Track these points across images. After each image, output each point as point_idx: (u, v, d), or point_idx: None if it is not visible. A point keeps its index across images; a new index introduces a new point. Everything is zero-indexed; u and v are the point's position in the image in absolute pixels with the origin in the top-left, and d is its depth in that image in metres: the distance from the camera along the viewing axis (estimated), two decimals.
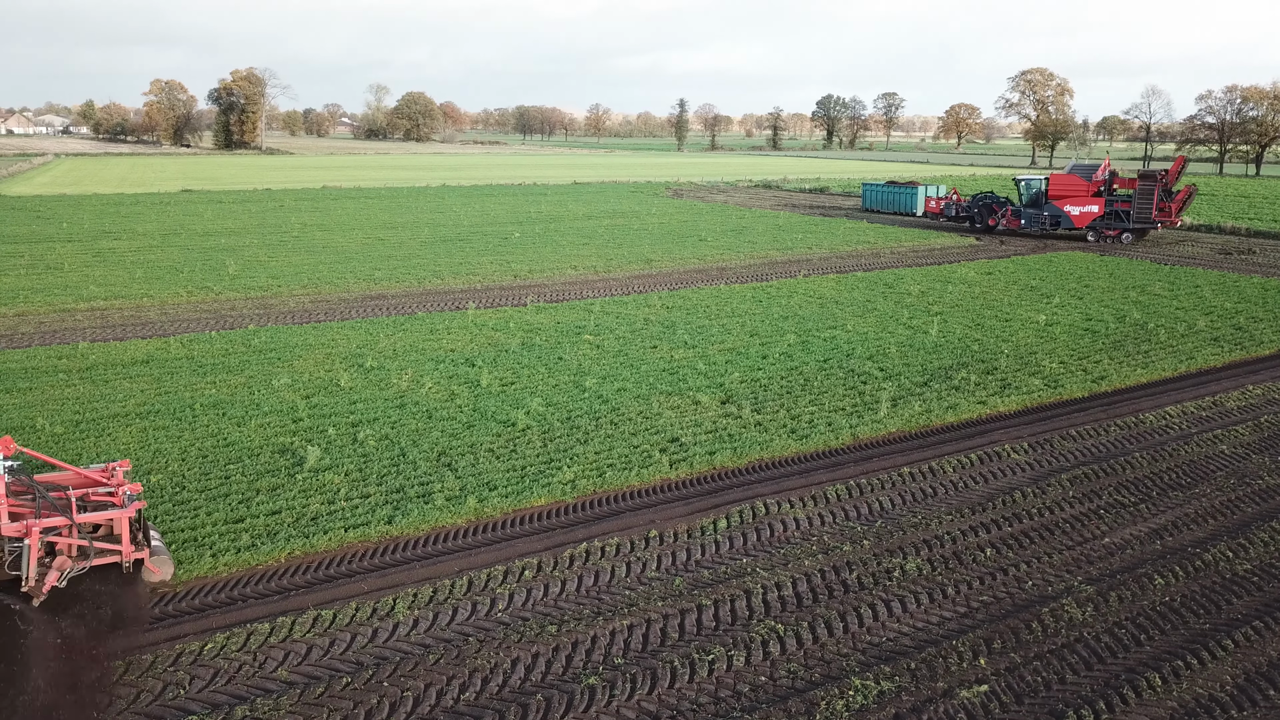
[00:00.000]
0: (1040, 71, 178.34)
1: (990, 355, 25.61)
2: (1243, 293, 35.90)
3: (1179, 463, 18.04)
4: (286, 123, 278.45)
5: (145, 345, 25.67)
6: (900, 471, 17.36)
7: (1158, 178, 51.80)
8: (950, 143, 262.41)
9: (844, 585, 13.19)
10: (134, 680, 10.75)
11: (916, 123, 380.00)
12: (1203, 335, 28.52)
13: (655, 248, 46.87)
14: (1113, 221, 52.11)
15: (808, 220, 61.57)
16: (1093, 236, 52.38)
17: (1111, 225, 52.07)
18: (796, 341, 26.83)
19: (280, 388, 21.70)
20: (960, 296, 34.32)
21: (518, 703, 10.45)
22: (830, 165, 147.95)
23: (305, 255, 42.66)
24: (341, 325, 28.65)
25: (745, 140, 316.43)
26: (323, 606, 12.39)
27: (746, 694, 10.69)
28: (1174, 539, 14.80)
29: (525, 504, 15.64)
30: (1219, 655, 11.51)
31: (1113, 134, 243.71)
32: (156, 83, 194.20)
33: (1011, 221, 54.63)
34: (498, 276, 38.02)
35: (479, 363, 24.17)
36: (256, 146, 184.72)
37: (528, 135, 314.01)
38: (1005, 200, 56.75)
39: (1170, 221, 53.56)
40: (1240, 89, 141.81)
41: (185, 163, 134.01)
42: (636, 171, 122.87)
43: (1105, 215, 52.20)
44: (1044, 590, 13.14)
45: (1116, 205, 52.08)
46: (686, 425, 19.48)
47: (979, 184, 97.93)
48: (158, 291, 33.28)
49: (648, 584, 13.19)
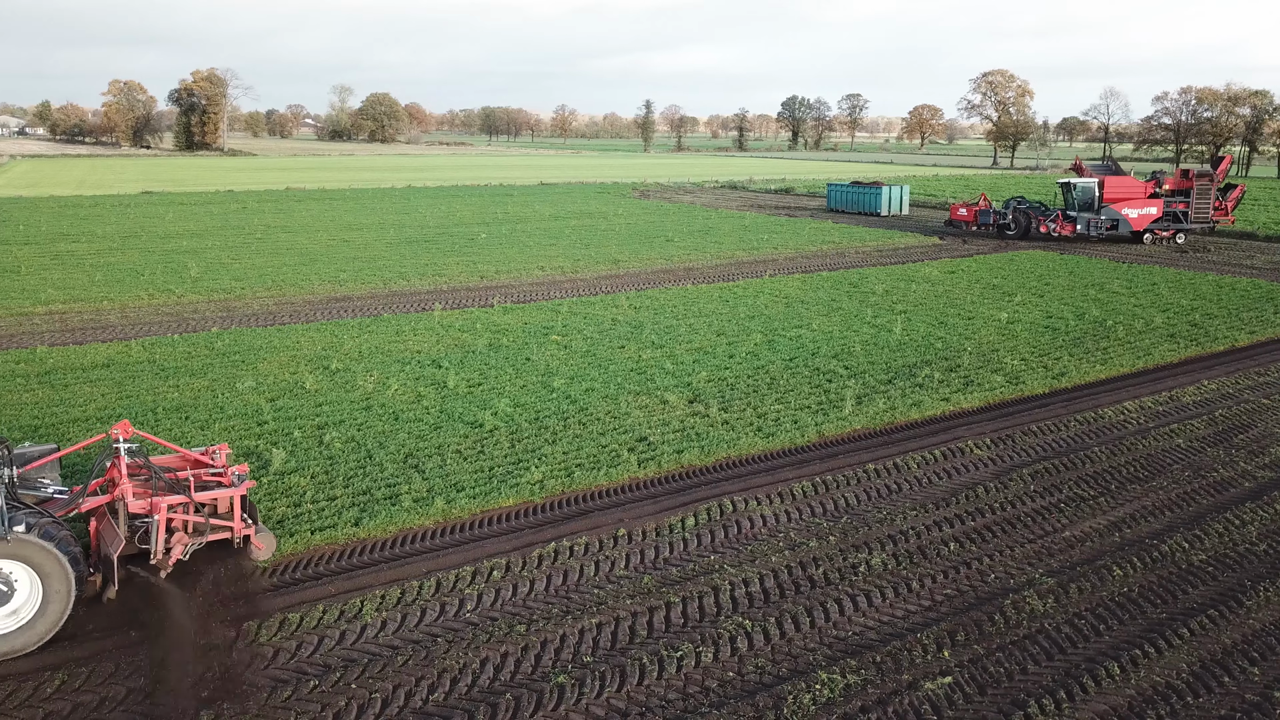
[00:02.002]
0: (1001, 73, 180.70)
1: (953, 353, 25.94)
2: (1198, 290, 36.62)
3: (1137, 456, 18.39)
4: (249, 124, 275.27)
5: (105, 349, 25.32)
6: (865, 468, 17.56)
7: (1212, 177, 52.10)
8: (914, 143, 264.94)
9: (810, 581, 13.32)
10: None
11: (881, 124, 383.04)
12: (1159, 332, 29.07)
13: (622, 248, 46.94)
14: (1169, 223, 51.61)
15: (773, 221, 61.93)
16: (1149, 239, 51.29)
17: (1166, 227, 51.53)
18: (763, 341, 27.02)
19: (244, 391, 21.51)
20: (924, 295, 34.71)
21: (487, 703, 10.47)
22: (795, 166, 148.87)
23: (269, 257, 42.26)
24: (306, 327, 28.43)
25: (711, 141, 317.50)
26: (289, 610, 12.30)
27: (715, 690, 10.78)
28: (1132, 531, 15.10)
29: (493, 505, 15.63)
30: (1175, 644, 11.77)
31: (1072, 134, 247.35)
32: (115, 83, 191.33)
33: (1065, 226, 51.16)
34: (464, 277, 37.90)
35: (446, 364, 24.10)
36: (218, 148, 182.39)
37: (494, 136, 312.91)
38: (1040, 205, 54.32)
39: (1228, 220, 53.61)
40: (1195, 90, 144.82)
41: (145, 164, 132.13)
42: (603, 172, 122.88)
43: (1162, 217, 51.54)
44: (1006, 583, 13.36)
45: (1174, 206, 51.71)
46: (654, 424, 19.56)
47: (942, 184, 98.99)
48: (118, 294, 32.83)
49: (616, 582, 13.24)
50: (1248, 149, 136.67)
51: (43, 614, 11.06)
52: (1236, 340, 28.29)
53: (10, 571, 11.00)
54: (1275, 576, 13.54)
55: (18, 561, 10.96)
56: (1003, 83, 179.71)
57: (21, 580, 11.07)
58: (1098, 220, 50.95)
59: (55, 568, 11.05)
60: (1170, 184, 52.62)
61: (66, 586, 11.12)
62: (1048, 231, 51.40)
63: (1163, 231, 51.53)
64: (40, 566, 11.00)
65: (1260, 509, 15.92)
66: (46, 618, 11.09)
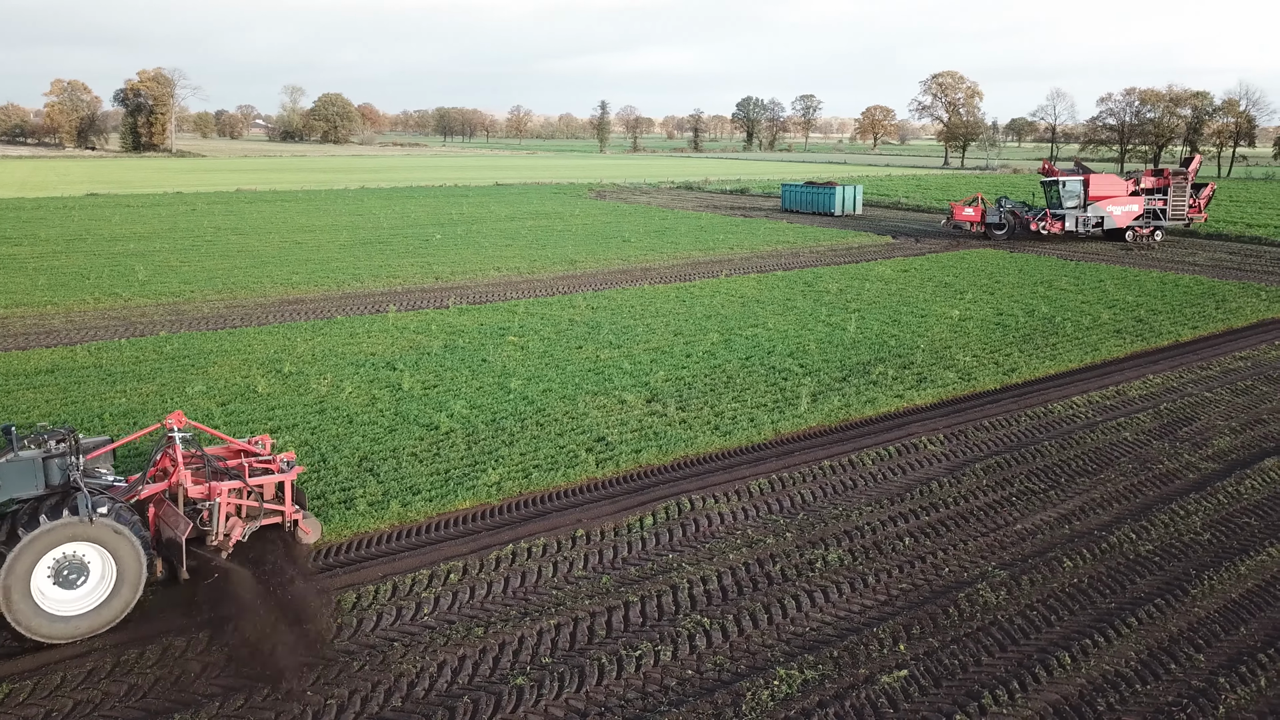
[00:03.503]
0: (951, 74, 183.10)
1: (906, 350, 26.25)
2: (1143, 287, 37.43)
3: (1085, 450, 18.75)
4: (198, 124, 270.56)
5: (50, 354, 24.74)
6: (821, 465, 17.70)
7: (1186, 175, 53.03)
8: (867, 144, 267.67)
9: (768, 577, 13.40)
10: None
11: (834, 124, 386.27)
12: (1106, 328, 29.67)
13: (579, 249, 46.87)
14: (1148, 220, 52.43)
15: (729, 221, 62.22)
16: (1130, 236, 52.03)
17: (1146, 224, 52.34)
18: (719, 340, 27.13)
19: (194, 395, 21.14)
20: (877, 294, 35.09)
21: (445, 706, 10.39)
22: (750, 167, 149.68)
23: (219, 260, 41.57)
24: (258, 330, 28.01)
25: (666, 142, 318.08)
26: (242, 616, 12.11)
27: (674, 688, 10.80)
28: (1081, 523, 15.39)
29: (450, 507, 15.52)
30: (1124, 633, 12.02)
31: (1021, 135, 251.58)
32: (58, 83, 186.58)
33: (1054, 225, 51.40)
34: (419, 279, 37.59)
35: (400, 366, 23.88)
36: (166, 149, 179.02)
37: (448, 137, 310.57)
38: (1024, 204, 54.35)
39: (1201, 217, 54.62)
40: (1138, 91, 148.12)
41: (91, 165, 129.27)
42: (559, 173, 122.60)
43: (1142, 214, 52.31)
44: (960, 576, 13.55)
45: (1154, 203, 52.49)
46: (612, 424, 19.56)
47: (895, 184, 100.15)
48: (62, 299, 32.09)
49: (575, 583, 13.22)
50: (1189, 149, 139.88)
51: (117, 594, 11.55)
52: (1180, 335, 28.97)
53: (85, 554, 11.46)
54: (1219, 566, 13.88)
55: (94, 544, 11.42)
56: (952, 84, 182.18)
57: (95, 562, 11.54)
58: (1085, 218, 51.52)
59: (129, 550, 11.54)
60: (1149, 182, 53.49)
61: (139, 568, 11.63)
62: (1037, 230, 51.61)
63: (1142, 229, 52.39)
64: (115, 548, 11.48)
65: (1204, 500, 16.30)
66: (120, 598, 11.58)
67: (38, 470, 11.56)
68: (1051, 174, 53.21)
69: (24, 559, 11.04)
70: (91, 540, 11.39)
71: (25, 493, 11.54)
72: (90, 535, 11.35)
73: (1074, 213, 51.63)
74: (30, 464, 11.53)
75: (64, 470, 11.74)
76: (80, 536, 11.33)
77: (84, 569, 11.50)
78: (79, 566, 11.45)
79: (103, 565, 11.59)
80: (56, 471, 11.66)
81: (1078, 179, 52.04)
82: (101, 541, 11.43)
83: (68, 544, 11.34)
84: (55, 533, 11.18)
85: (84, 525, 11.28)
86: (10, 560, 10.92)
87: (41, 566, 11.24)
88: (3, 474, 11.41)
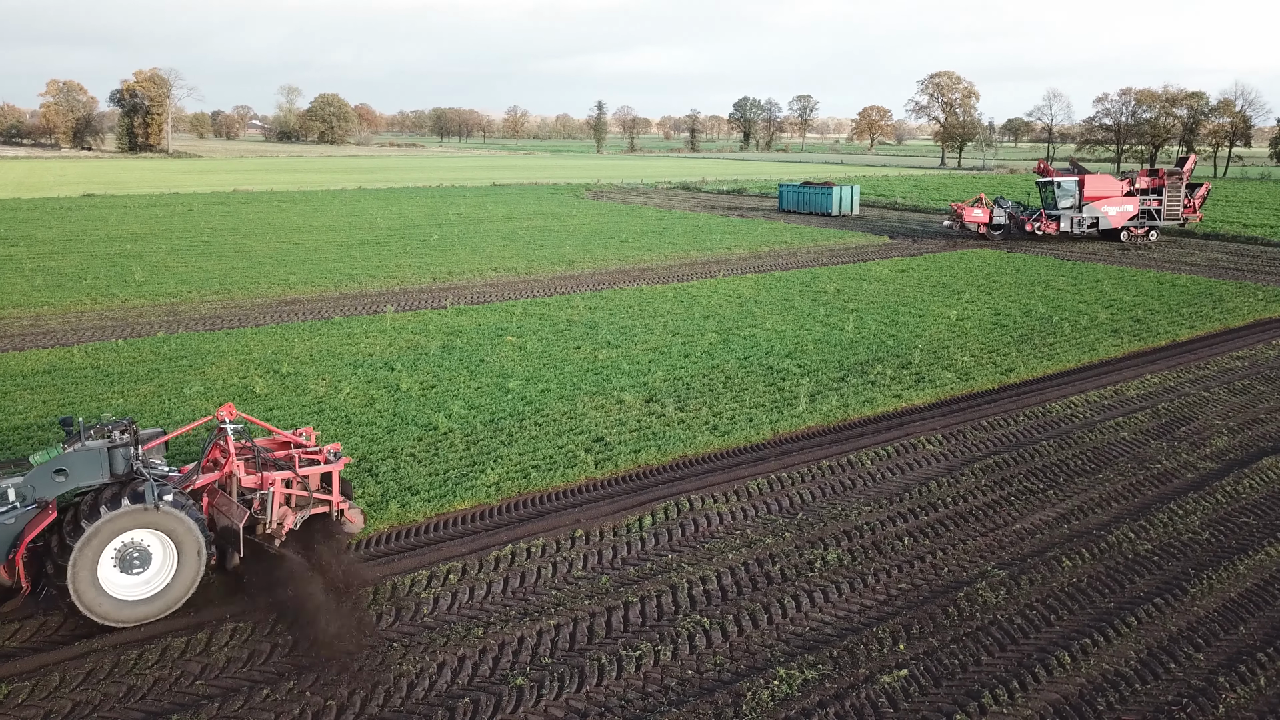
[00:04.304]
0: (948, 75, 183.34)
1: (904, 350, 26.26)
2: (1140, 287, 37.48)
3: (1084, 450, 18.76)
4: (194, 125, 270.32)
5: (47, 355, 24.69)
6: (819, 465, 17.70)
7: (1181, 175, 53.01)
8: (863, 144, 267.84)
9: (767, 577, 13.40)
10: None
11: (831, 124, 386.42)
12: (1104, 328, 29.70)
13: (576, 249, 46.85)
14: (1143, 220, 52.42)
15: (726, 221, 62.23)
16: (1125, 236, 51.98)
17: (1141, 224, 52.34)
18: (717, 340, 27.13)
19: (192, 395, 21.11)
20: (875, 294, 35.10)
21: (445, 707, 10.38)
22: (747, 167, 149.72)
23: (216, 260, 41.51)
24: (255, 331, 27.98)
25: (663, 142, 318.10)
26: (239, 619, 12.11)
27: (674, 688, 10.79)
28: (1080, 523, 15.39)
29: (448, 508, 15.50)
30: (1123, 632, 12.02)
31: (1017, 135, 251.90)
32: (54, 83, 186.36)
33: (1049, 225, 51.30)
34: (416, 279, 37.56)
35: (399, 366, 23.86)
36: (163, 149, 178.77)
37: (445, 137, 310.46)
38: (1020, 205, 54.10)
39: (1196, 217, 54.66)
40: (1135, 92, 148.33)
41: (87, 166, 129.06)
42: (556, 173, 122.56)
43: (1138, 214, 52.25)
44: (959, 576, 13.55)
45: (1149, 204, 52.46)
46: (611, 425, 19.54)
47: (892, 184, 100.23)
48: (59, 299, 32.03)
49: (574, 583, 13.20)
50: (1185, 149, 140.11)
51: (177, 580, 11.91)
52: (1177, 335, 29.00)
53: (147, 541, 11.80)
54: (1218, 565, 13.89)
55: (158, 531, 11.77)
56: (949, 84, 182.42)
57: (157, 548, 11.87)
58: (1080, 218, 51.50)
59: (190, 537, 11.90)
60: (1144, 182, 53.46)
61: (198, 554, 11.97)
62: (1033, 230, 51.41)
63: (1137, 229, 52.36)
64: (178, 535, 11.84)
65: (1203, 499, 16.32)
66: (180, 583, 11.93)
67: (103, 459, 11.88)
68: (1047, 174, 53.17)
69: (92, 544, 11.36)
70: (156, 527, 11.74)
71: (91, 481, 11.86)
72: (155, 522, 11.71)
73: (1069, 213, 51.62)
74: (97, 453, 11.86)
75: (127, 460, 12.07)
76: (146, 524, 11.68)
77: (146, 555, 11.82)
78: (142, 553, 11.78)
79: (164, 552, 11.91)
80: (120, 461, 11.99)
81: (1073, 179, 51.97)
82: (165, 529, 11.79)
83: (133, 531, 11.67)
84: (123, 519, 11.51)
85: (150, 513, 11.64)
86: (79, 545, 11.25)
87: (108, 552, 11.56)
88: (71, 463, 11.74)
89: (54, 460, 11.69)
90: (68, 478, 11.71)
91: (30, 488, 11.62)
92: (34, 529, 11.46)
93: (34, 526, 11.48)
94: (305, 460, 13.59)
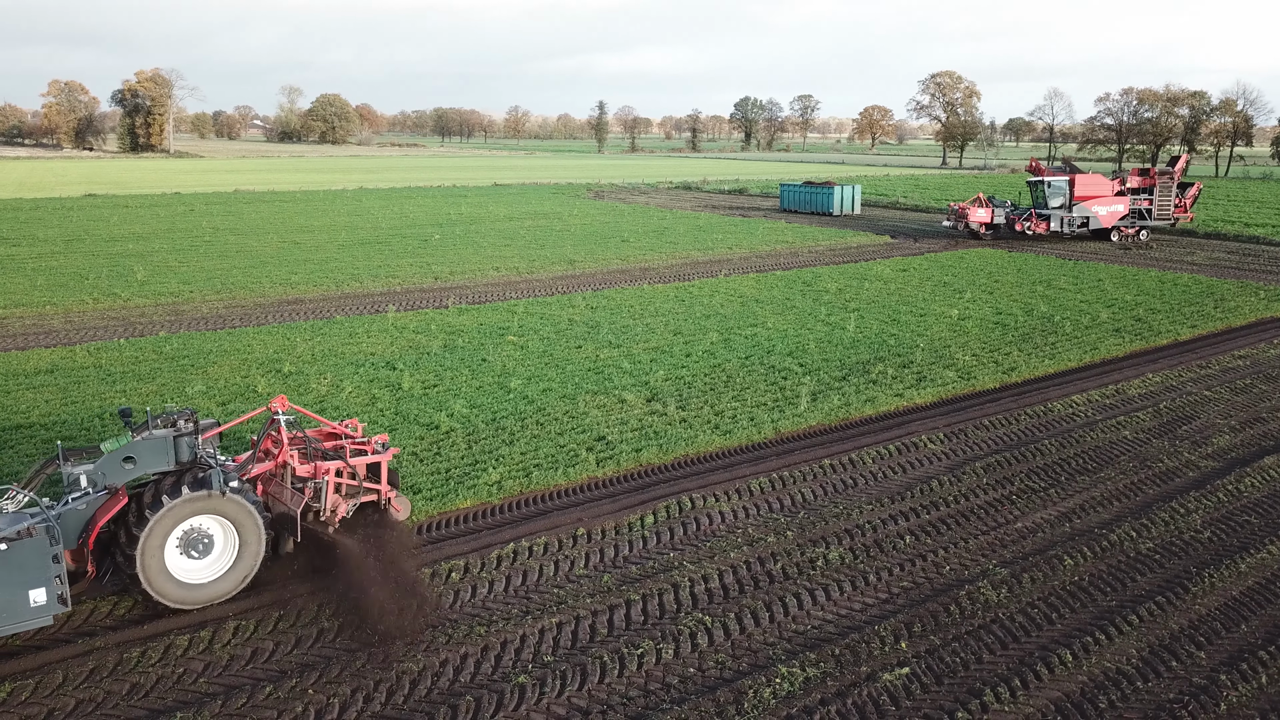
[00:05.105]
0: (949, 74, 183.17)
1: (906, 349, 26.27)
2: (1141, 286, 37.47)
3: (1085, 449, 18.76)
4: (195, 125, 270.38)
5: (49, 354, 24.72)
6: (821, 463, 17.71)
7: (1172, 175, 52.99)
8: (865, 144, 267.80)
9: (769, 576, 13.41)
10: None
11: (832, 124, 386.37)
12: (1105, 327, 29.70)
13: (578, 249, 46.87)
14: (1134, 220, 52.40)
15: (727, 221, 62.23)
16: (1116, 236, 51.96)
17: (1132, 224, 52.33)
18: (719, 339, 27.14)
19: (194, 395, 21.13)
20: (876, 293, 35.11)
21: (447, 704, 10.40)
22: (748, 167, 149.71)
23: (218, 260, 41.55)
24: (257, 330, 28.00)
25: (664, 142, 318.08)
26: (242, 616, 12.14)
27: (676, 686, 10.81)
28: (1082, 521, 15.40)
29: (451, 506, 15.53)
30: (1125, 630, 12.03)
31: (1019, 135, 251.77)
32: (55, 83, 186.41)
33: (1039, 225, 51.14)
34: (418, 279, 37.58)
35: (400, 366, 23.88)
36: (164, 149, 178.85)
37: (446, 138, 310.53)
38: (1011, 204, 53.95)
39: (1187, 217, 54.67)
40: (1136, 91, 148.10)
41: (88, 166, 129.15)
42: (557, 173, 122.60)
43: (1128, 214, 52.25)
44: (961, 574, 13.56)
45: (1140, 203, 52.48)
46: (613, 424, 19.56)
47: (893, 184, 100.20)
48: (61, 299, 32.07)
49: (576, 582, 13.22)
50: (1186, 149, 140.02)
51: (239, 564, 12.38)
52: (1179, 334, 29.00)
53: (210, 526, 12.24)
54: (1220, 563, 13.90)
55: (221, 517, 12.20)
56: (950, 84, 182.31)
57: (219, 534, 12.32)
58: (1071, 218, 51.42)
59: (250, 522, 12.34)
60: (1134, 182, 53.44)
61: (258, 539, 12.43)
62: (1022, 230, 51.33)
63: (1128, 229, 52.34)
64: (238, 521, 12.29)
65: (1204, 498, 16.32)
66: (241, 568, 12.40)
67: (169, 448, 12.30)
68: (1039, 173, 53.20)
69: (160, 528, 11.78)
70: (219, 513, 12.17)
71: (157, 468, 12.28)
72: (219, 508, 12.14)
73: (1059, 213, 51.55)
74: (163, 442, 12.28)
75: (190, 448, 12.46)
76: (210, 509, 12.10)
77: (209, 540, 12.26)
78: (205, 538, 12.23)
79: (225, 537, 12.34)
80: (185, 449, 12.40)
81: (1063, 179, 51.86)
82: (229, 515, 12.21)
83: (198, 516, 12.09)
84: (189, 504, 11.93)
85: (215, 499, 12.07)
86: (148, 529, 11.67)
87: (174, 536, 12.00)
88: (139, 451, 12.14)
89: (123, 448, 12.10)
90: (136, 465, 12.12)
91: (100, 474, 12.01)
92: (105, 514, 11.84)
93: (105, 512, 11.87)
94: (353, 451, 14.00)
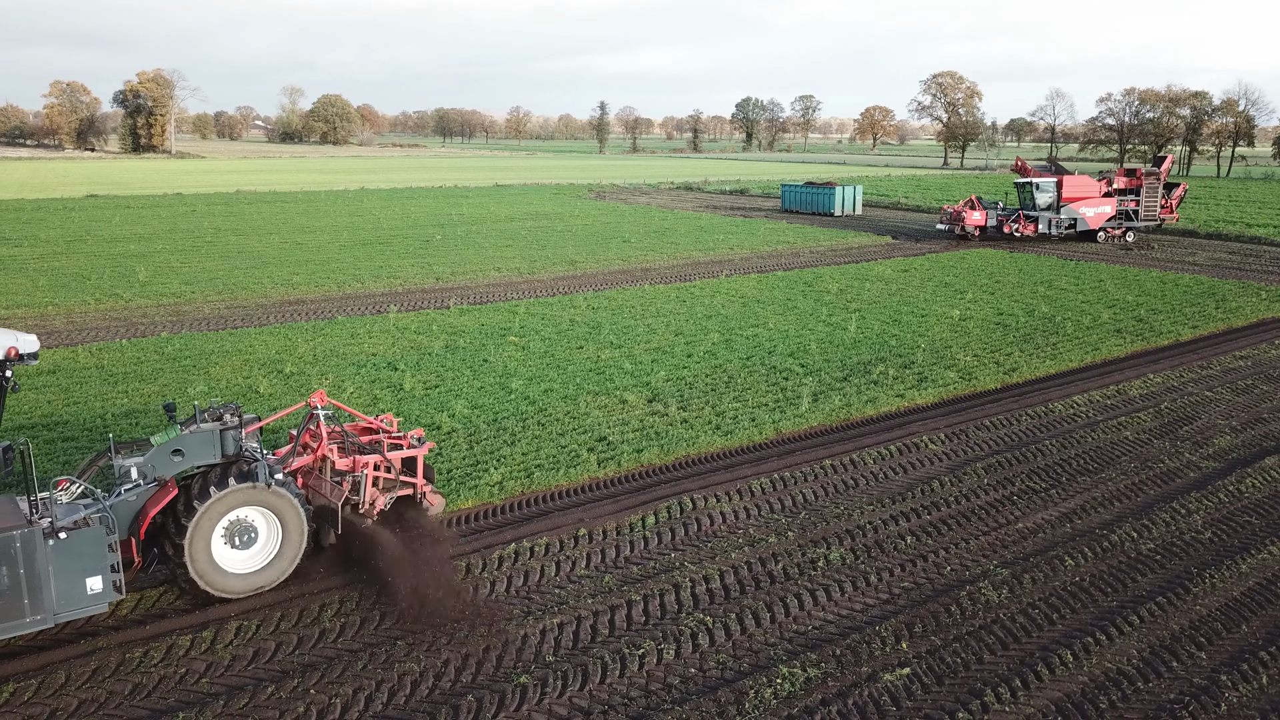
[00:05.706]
0: (951, 75, 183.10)
1: (907, 350, 26.27)
2: (1143, 286, 37.46)
3: (1086, 449, 18.77)
4: (197, 126, 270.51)
5: (51, 355, 24.76)
6: (822, 464, 17.73)
7: (1158, 176, 53.09)
8: (866, 144, 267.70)
9: (770, 576, 13.42)
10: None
11: (833, 125, 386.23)
12: (1106, 327, 29.69)
13: (579, 249, 46.89)
14: (1120, 221, 52.47)
15: (729, 221, 62.24)
16: (1102, 237, 51.96)
17: (1118, 225, 52.39)
18: (720, 340, 27.16)
19: (196, 395, 21.16)
20: (878, 294, 35.11)
21: (449, 704, 10.41)
22: (750, 167, 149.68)
23: (220, 260, 41.60)
24: (259, 331, 28.04)
25: (666, 143, 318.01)
26: (244, 617, 12.15)
27: (677, 686, 10.82)
28: (1083, 522, 15.41)
29: (452, 507, 15.52)
30: (1126, 631, 12.04)
31: (1020, 135, 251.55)
32: (56, 84, 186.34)
33: (1027, 226, 50.97)
34: (419, 279, 37.61)
35: (402, 366, 23.91)
36: (166, 150, 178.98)
37: (447, 138, 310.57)
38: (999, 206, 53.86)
39: (1173, 218, 54.73)
40: (1138, 91, 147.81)
41: (90, 166, 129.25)
42: (558, 174, 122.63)
43: (1115, 215, 52.27)
44: (962, 575, 13.57)
45: (1126, 204, 52.57)
46: (614, 424, 19.58)
47: (894, 184, 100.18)
48: (63, 300, 32.12)
49: (577, 582, 13.24)
50: (1188, 149, 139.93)
51: (282, 554, 12.71)
52: (1180, 335, 29.00)
53: (254, 518, 12.53)
54: (1221, 564, 13.90)
55: (265, 508, 12.51)
56: (952, 84, 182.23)
57: (262, 525, 12.62)
58: (1058, 219, 51.46)
59: (293, 513, 12.66)
60: (1121, 182, 53.51)
61: (301, 530, 12.75)
62: (1010, 231, 51.30)
63: (1114, 230, 52.39)
64: (282, 512, 12.60)
65: (1205, 498, 16.33)
66: (285, 557, 12.73)
67: (216, 441, 12.57)
68: (1025, 173, 53.20)
69: (208, 518, 12.09)
70: (264, 505, 12.47)
71: (205, 460, 12.54)
72: (264, 500, 12.44)
73: (1047, 214, 51.54)
74: (211, 435, 12.56)
75: (236, 442, 12.71)
76: (255, 501, 12.40)
77: (254, 531, 12.56)
78: (249, 528, 12.52)
79: (268, 528, 12.63)
80: (231, 443, 12.65)
81: (1051, 180, 51.85)
82: (272, 506, 12.51)
83: (244, 507, 12.39)
84: (235, 496, 12.22)
85: (260, 490, 12.38)
86: (196, 520, 11.98)
87: (220, 526, 12.30)
88: (188, 443, 12.42)
89: (172, 441, 12.36)
90: (184, 457, 12.38)
91: (150, 466, 12.28)
92: (156, 505, 12.09)
93: (156, 503, 12.13)
94: (390, 446, 14.17)
